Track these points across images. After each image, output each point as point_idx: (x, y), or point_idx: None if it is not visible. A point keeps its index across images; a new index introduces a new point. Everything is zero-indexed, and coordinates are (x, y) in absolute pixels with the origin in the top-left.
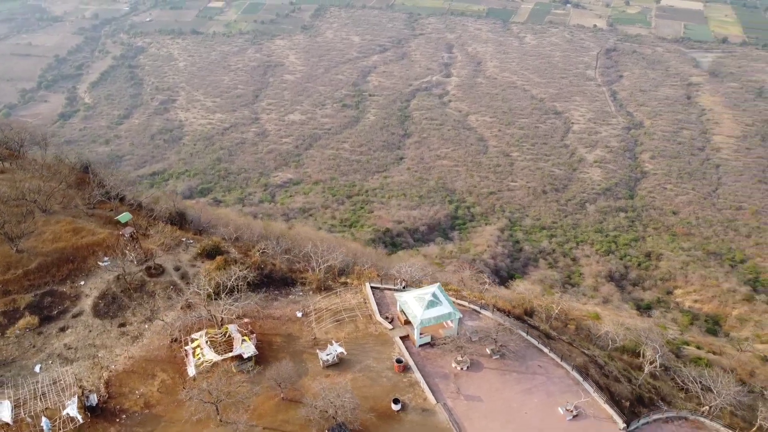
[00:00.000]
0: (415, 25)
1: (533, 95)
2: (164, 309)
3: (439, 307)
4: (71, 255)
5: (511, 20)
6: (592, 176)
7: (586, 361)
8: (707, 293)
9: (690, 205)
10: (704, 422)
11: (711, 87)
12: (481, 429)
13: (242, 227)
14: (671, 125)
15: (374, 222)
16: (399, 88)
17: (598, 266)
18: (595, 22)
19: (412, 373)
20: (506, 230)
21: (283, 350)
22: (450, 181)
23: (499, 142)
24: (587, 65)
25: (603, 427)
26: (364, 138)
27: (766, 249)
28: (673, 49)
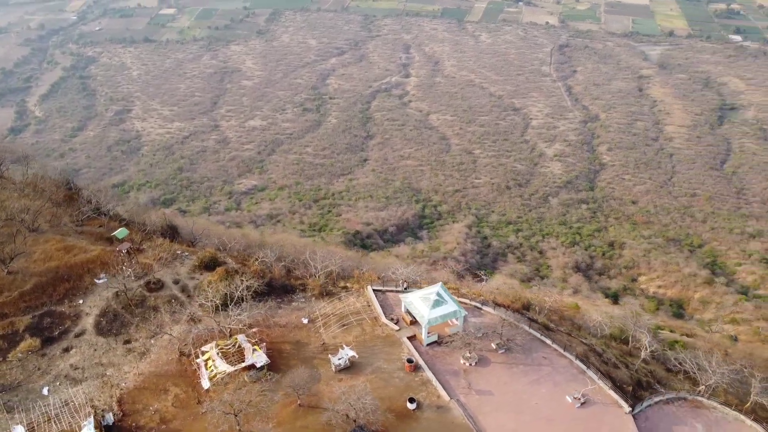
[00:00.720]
0: (372, 26)
1: (491, 93)
2: (169, 323)
3: (444, 306)
4: (66, 274)
5: (466, 19)
6: (553, 170)
7: (586, 349)
8: (670, 279)
9: (648, 194)
10: (702, 401)
11: (661, 79)
12: (495, 422)
13: (233, 237)
14: (625, 117)
15: (343, 225)
16: (359, 90)
17: (565, 258)
18: (547, 19)
19: (423, 372)
20: (473, 227)
21: (293, 357)
22: (415, 180)
23: (461, 140)
24: (542, 61)
25: (610, 412)
26: (327, 141)
27: (721, 233)
28: (623, 44)
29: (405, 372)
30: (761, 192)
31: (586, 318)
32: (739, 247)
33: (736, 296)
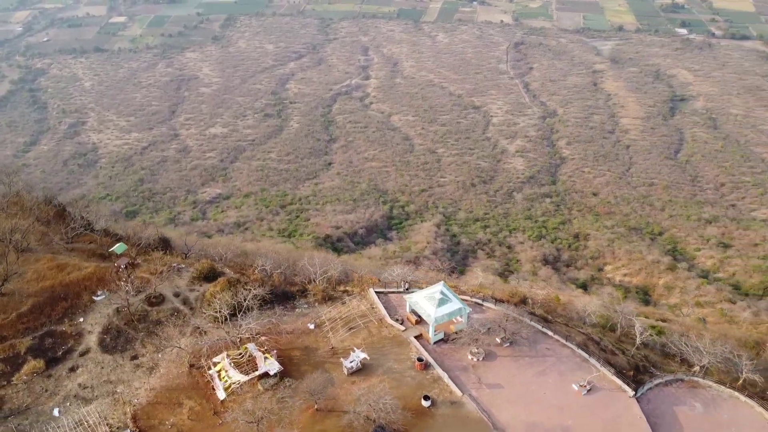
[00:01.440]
0: (329, 29)
1: (451, 92)
2: (175, 336)
3: (449, 304)
4: (62, 292)
5: (422, 20)
6: (515, 166)
7: (585, 339)
8: (634, 266)
9: (607, 185)
10: (698, 381)
11: (613, 73)
12: (508, 414)
13: (225, 247)
14: (582, 111)
15: (313, 230)
16: (319, 93)
17: (533, 251)
18: (502, 17)
19: (433, 370)
20: (442, 225)
21: (304, 363)
22: (381, 182)
23: (424, 140)
24: (499, 59)
25: (615, 397)
26: (290, 146)
27: (679, 220)
28: (576, 40)
29: (416, 371)
30: (714, 179)
31: (569, 309)
32: (697, 233)
33: (698, 281)
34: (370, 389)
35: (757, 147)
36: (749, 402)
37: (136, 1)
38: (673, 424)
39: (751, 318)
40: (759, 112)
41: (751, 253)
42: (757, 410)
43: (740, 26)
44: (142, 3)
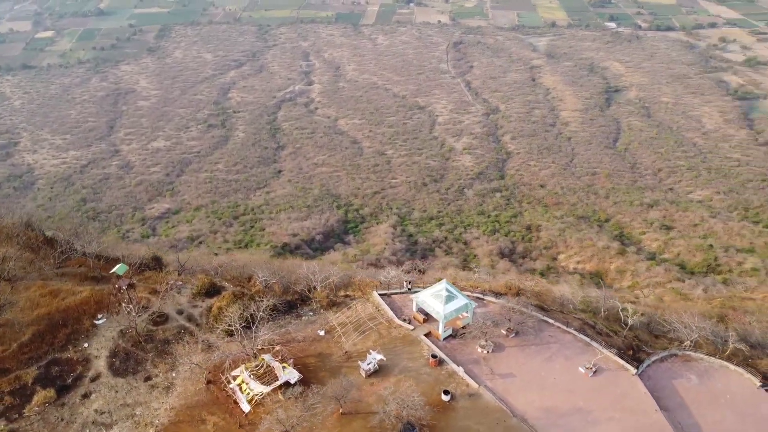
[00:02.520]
0: (267, 36)
1: (395, 93)
2: (186, 353)
3: (456, 300)
4: (61, 319)
5: (361, 23)
6: (464, 163)
7: (581, 324)
8: (586, 254)
9: (553, 177)
10: (690, 355)
11: (550, 68)
12: (524, 401)
13: (215, 262)
14: (523, 107)
15: (269, 239)
16: (263, 101)
17: (489, 246)
18: (439, 17)
19: (447, 365)
20: (398, 226)
21: (320, 369)
22: (333, 186)
23: (372, 143)
24: (439, 59)
25: (619, 376)
26: (238, 156)
27: (623, 206)
28: (512, 37)
29: (430, 367)
30: (651, 165)
31: (553, 298)
32: (640, 218)
33: (647, 263)
34: (397, 388)
35: (689, 132)
36: (738, 370)
37: (63, 15)
38: (674, 397)
39: (703, 294)
40: (687, 99)
41: (692, 233)
42: (746, 377)
43: (664, 18)
44: (69, 16)
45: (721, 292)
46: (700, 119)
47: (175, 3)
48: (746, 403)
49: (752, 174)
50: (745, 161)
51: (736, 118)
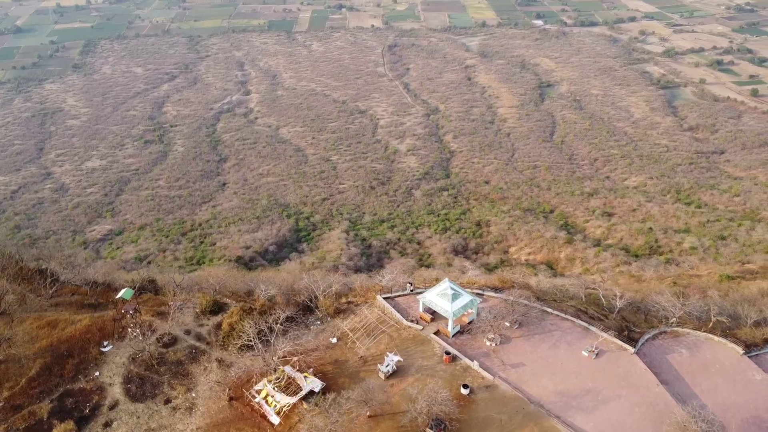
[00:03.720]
0: (199, 47)
1: (335, 99)
2: (203, 372)
3: (462, 298)
4: (65, 349)
5: (294, 30)
6: (409, 164)
7: (575, 311)
8: (536, 245)
9: (497, 172)
10: (678, 330)
11: (484, 67)
12: (537, 387)
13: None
14: (462, 106)
15: (222, 253)
16: (200, 113)
17: (442, 244)
18: (372, 22)
19: (460, 360)
20: (350, 231)
21: (339, 375)
22: (281, 196)
23: (316, 149)
24: (376, 63)
25: (620, 356)
26: (179, 171)
27: (565, 197)
28: (445, 38)
29: (445, 364)
30: (587, 155)
31: (535, 288)
32: (582, 207)
33: (594, 249)
34: (423, 387)
35: (619, 122)
36: (722, 340)
37: None
38: (670, 370)
39: (653, 275)
40: (615, 90)
41: (631, 218)
42: (730, 346)
43: (587, 14)
44: None
45: (668, 271)
46: (629, 109)
47: (98, 17)
48: (734, 370)
49: (680, 158)
50: (673, 146)
51: (661, 106)
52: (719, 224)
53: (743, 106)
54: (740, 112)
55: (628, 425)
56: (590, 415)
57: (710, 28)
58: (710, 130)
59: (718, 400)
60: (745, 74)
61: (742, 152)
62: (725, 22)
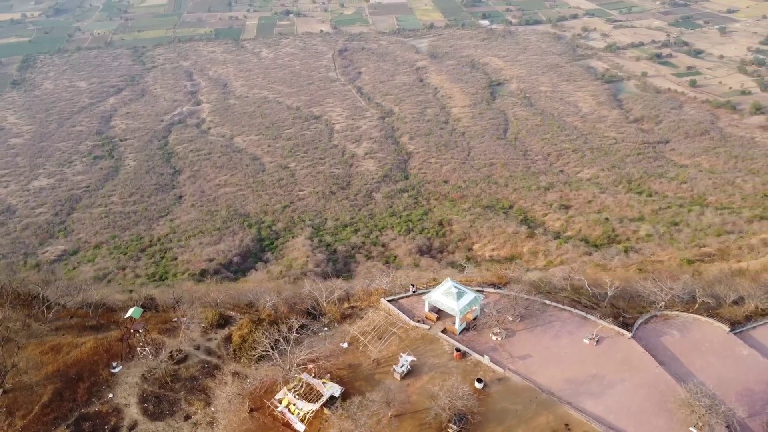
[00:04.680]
0: (144, 59)
1: (289, 105)
2: (219, 386)
3: (466, 296)
4: (74, 373)
5: (242, 38)
6: (367, 168)
7: (570, 301)
8: (499, 240)
9: (454, 171)
10: (668, 314)
11: (435, 68)
12: (546, 376)
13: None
14: (416, 107)
15: (186, 267)
16: (150, 126)
17: (407, 245)
18: (321, 27)
19: (470, 356)
20: (314, 237)
21: (355, 379)
22: (240, 206)
23: (273, 157)
24: (327, 68)
25: (618, 341)
26: (132, 186)
27: (522, 192)
28: (395, 41)
29: (456, 361)
30: (540, 150)
31: (528, 282)
32: (540, 201)
33: (555, 242)
34: (444, 382)
35: (568, 117)
36: (709, 320)
37: None
38: (665, 352)
39: (618, 263)
40: (562, 86)
41: (588, 210)
42: (716, 325)
43: (531, 13)
44: None
45: (631, 259)
46: (577, 104)
47: (35, 31)
48: (723, 347)
49: (628, 149)
50: (621, 138)
51: (606, 100)
52: (671, 211)
53: (683, 96)
54: (681, 102)
55: (634, 406)
56: (599, 400)
57: (648, 22)
58: (654, 121)
59: (712, 376)
60: (683, 66)
61: (686, 141)
62: (661, 16)
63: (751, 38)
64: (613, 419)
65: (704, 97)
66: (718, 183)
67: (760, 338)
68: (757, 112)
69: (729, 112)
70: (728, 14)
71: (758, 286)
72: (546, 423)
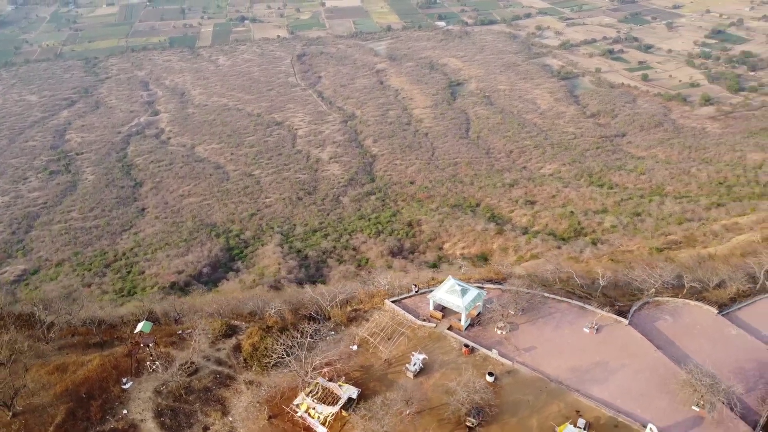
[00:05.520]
0: (97, 69)
1: (249, 112)
2: (235, 395)
3: (470, 292)
4: (85, 392)
5: (198, 45)
6: (333, 172)
7: (566, 293)
8: (469, 238)
9: (420, 172)
10: (659, 299)
11: (394, 70)
12: (553, 366)
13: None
14: (378, 110)
15: (155, 281)
16: (107, 138)
17: (378, 247)
18: (277, 32)
19: (478, 351)
20: (284, 244)
21: (368, 380)
22: (206, 216)
23: (236, 165)
24: (287, 73)
25: (616, 329)
26: (92, 200)
27: (488, 190)
28: (353, 44)
29: (465, 356)
30: (503, 148)
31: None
32: (505, 197)
33: (524, 237)
34: (462, 377)
35: (528, 114)
36: (698, 304)
37: None
38: (660, 336)
39: (590, 255)
40: (520, 84)
41: (552, 204)
42: (705, 308)
43: (486, 13)
44: None
45: (601, 250)
46: (535, 101)
47: None
48: (713, 329)
49: (587, 144)
50: (579, 133)
51: (564, 96)
52: (632, 202)
53: (636, 90)
54: (635, 96)
55: (638, 390)
56: (604, 386)
57: (599, 20)
58: (610, 115)
59: (706, 357)
60: (634, 61)
61: (641, 133)
62: (611, 13)
63: (696, 32)
64: (620, 403)
65: (656, 90)
66: (674, 173)
67: (745, 318)
68: (707, 104)
69: (680, 104)
70: (674, 9)
71: (735, 270)
72: (558, 411)
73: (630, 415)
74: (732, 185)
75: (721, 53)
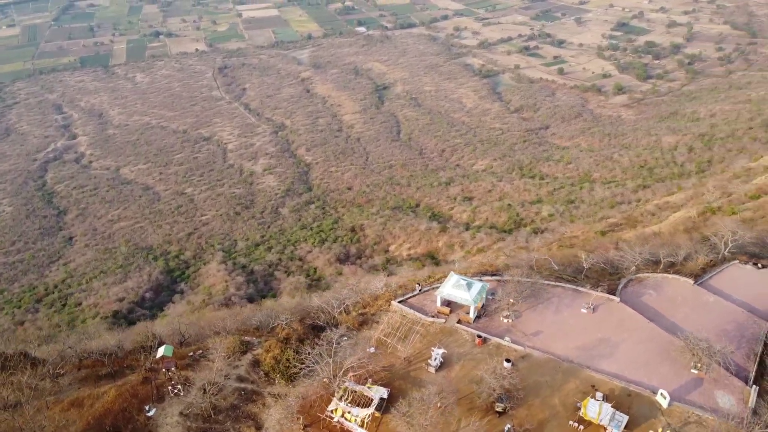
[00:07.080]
0: (3, 95)
1: (174, 129)
2: (264, 409)
3: (475, 286)
4: (109, 424)
5: (112, 64)
6: (269, 184)
7: (556, 278)
8: (414, 239)
9: (356, 177)
10: (641, 276)
11: (319, 77)
12: (560, 346)
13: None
14: (307, 118)
15: (95, 311)
16: (22, 166)
17: (325, 256)
18: (195, 46)
19: (490, 341)
20: (227, 261)
21: (393, 379)
22: (140, 239)
23: (167, 185)
24: (210, 87)
25: (610, 306)
26: (13, 233)
27: (426, 190)
28: (275, 54)
29: (478, 347)
30: (435, 148)
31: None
32: (443, 196)
33: (468, 233)
34: (487, 366)
35: (455, 113)
36: (676, 276)
37: None
38: (648, 309)
39: (539, 244)
40: (445, 84)
41: (490, 199)
42: (682, 280)
43: (404, 17)
44: None
45: (547, 239)
46: (461, 100)
47: None
48: (692, 298)
49: (515, 138)
50: (506, 128)
51: (487, 94)
52: (564, 190)
53: (554, 84)
54: (553, 90)
55: (641, 360)
56: (611, 359)
57: (512, 18)
58: (533, 109)
59: (691, 324)
60: (549, 56)
61: (563, 124)
62: (523, 12)
63: (603, 26)
64: (629, 374)
65: (572, 83)
66: (598, 160)
67: (718, 285)
68: (619, 92)
69: (596, 94)
70: (581, 5)
71: (696, 243)
72: (575, 387)
73: (640, 384)
74: (653, 167)
75: (627, 44)
